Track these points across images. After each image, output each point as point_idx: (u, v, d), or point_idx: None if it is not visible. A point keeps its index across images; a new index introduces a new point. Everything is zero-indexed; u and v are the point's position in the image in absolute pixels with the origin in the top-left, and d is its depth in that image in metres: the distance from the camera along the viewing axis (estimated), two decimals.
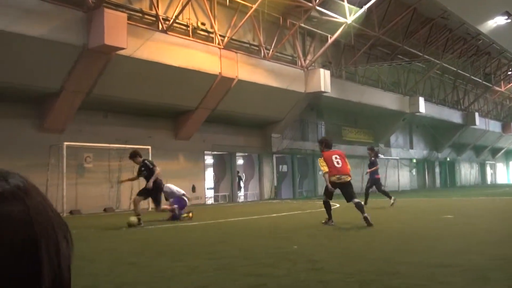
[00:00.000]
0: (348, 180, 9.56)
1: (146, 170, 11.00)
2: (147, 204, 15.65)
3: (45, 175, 15.46)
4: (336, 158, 9.60)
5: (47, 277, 0.62)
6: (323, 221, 9.95)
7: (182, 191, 13.32)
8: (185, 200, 13.02)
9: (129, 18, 16.67)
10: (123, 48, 15.92)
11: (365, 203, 16.04)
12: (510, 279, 4.20)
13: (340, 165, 9.52)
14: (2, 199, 0.62)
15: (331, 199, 9.82)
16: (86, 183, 17.68)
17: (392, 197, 15.06)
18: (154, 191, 11.03)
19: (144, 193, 11.09)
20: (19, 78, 14.97)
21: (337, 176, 9.45)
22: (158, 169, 11.05)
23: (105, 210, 17.63)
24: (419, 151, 41.00)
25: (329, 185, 9.57)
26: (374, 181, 15.88)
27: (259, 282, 4.34)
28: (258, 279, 4.50)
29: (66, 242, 0.68)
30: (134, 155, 11.33)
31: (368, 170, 16.08)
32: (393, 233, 8.28)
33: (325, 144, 10.05)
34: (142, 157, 11.51)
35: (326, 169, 9.61)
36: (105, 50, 15.71)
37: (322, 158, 9.80)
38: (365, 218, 8.87)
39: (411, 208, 15.33)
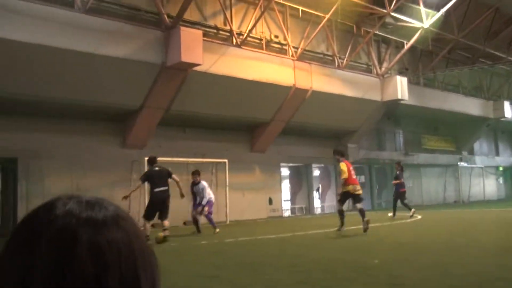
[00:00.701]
0: (361, 192, 10.75)
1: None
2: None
3: (128, 190, 16.07)
4: (352, 169, 10.18)
5: None
6: (337, 229, 10.36)
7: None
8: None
9: (204, 35, 17.10)
10: (199, 64, 16.34)
11: (394, 215, 16.44)
12: None
13: (355, 177, 10.10)
14: (105, 226, 0.63)
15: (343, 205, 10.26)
16: None
17: (412, 209, 16.26)
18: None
19: None
20: (103, 97, 15.76)
21: (354, 186, 10.58)
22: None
23: (184, 223, 18.04)
24: (506, 158, 38.79)
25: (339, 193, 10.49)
26: (399, 194, 17.17)
27: None
28: None
29: (156, 266, 0.69)
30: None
31: (393, 182, 17.58)
32: (482, 245, 7.85)
33: (342, 154, 11.00)
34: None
35: (347, 175, 10.22)
36: (182, 67, 16.20)
37: (345, 164, 10.33)
38: (367, 222, 9.98)
39: (499, 219, 14.51)
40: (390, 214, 16.91)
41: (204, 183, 13.53)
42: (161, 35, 16.24)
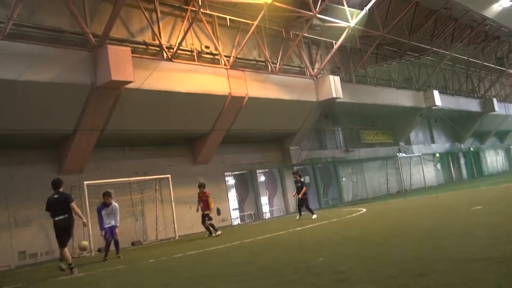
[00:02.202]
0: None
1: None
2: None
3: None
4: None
5: None
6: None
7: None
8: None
9: (133, 51, 16.86)
10: (130, 81, 16.08)
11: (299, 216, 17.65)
12: None
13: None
14: None
15: None
16: None
17: (314, 215, 17.00)
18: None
19: None
20: (34, 124, 15.19)
21: None
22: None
23: (132, 244, 17.64)
24: (441, 145, 40.42)
25: None
26: (303, 200, 17.86)
27: None
28: None
29: None
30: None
31: (300, 196, 17.88)
32: (423, 231, 8.09)
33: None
34: None
35: None
36: (113, 85, 15.87)
37: None
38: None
39: (439, 204, 15.06)
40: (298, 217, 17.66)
41: (116, 204, 13.14)
42: (88, 55, 15.86)
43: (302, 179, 18.51)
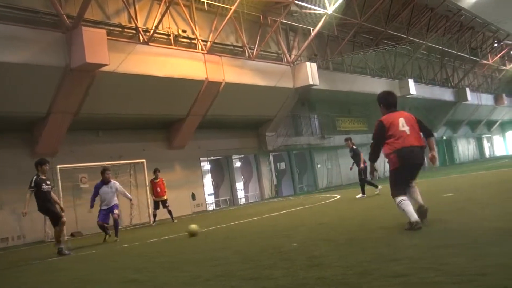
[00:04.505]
0: None
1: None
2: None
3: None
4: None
5: None
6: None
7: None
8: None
9: (108, 34, 16.62)
10: (106, 65, 15.86)
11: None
12: (508, 253, 4.15)
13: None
14: None
15: None
16: (85, 204, 17.54)
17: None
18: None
19: None
20: (7, 106, 14.92)
21: None
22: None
23: (72, 235, 17.41)
24: None
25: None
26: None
27: (258, 285, 4.29)
28: (257, 282, 4.44)
29: None
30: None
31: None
32: (395, 217, 8.22)
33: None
34: None
35: None
36: (88, 68, 15.64)
37: None
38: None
39: None
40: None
41: (116, 182, 12.64)
42: (62, 37, 15.58)
43: (355, 146, 15.71)
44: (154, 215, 16.78)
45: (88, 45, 15.24)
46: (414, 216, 6.22)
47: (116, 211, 12.00)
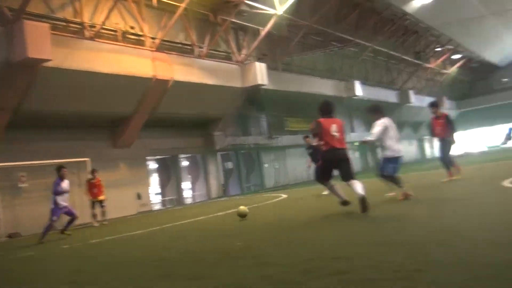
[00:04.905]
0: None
1: None
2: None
3: None
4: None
5: None
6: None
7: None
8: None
9: (52, 28, 16.10)
10: (48, 60, 15.36)
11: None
12: (442, 250, 4.30)
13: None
14: None
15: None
16: (24, 204, 16.97)
17: None
18: None
19: None
20: None
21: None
22: None
23: (9, 236, 16.86)
24: (360, 134, 41.82)
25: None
26: None
27: (201, 285, 4.26)
28: (201, 282, 4.41)
29: None
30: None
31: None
32: (338, 217, 8.37)
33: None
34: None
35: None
36: (29, 63, 15.10)
37: None
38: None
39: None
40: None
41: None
42: (2, 30, 14.97)
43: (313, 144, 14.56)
44: (95, 215, 16.40)
45: (30, 39, 14.70)
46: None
47: (74, 211, 12.55)
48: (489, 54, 50.84)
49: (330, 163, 8.32)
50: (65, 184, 12.26)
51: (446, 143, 12.50)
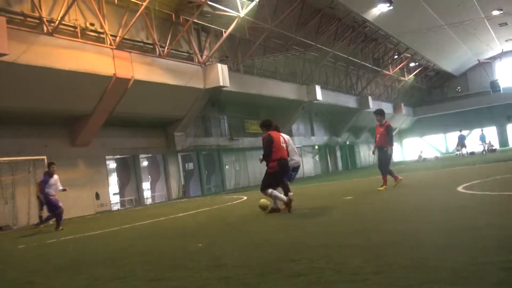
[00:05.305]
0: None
1: None
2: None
3: None
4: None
5: None
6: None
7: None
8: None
9: (9, 22, 15.66)
10: (4, 54, 14.94)
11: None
12: (400, 253, 4.44)
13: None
14: None
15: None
16: None
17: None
18: None
19: None
20: None
21: None
22: None
23: (1, 228, 16.49)
24: (320, 137, 42.46)
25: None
26: None
27: (160, 286, 4.26)
28: (160, 283, 4.41)
29: None
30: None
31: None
32: (296, 219, 8.49)
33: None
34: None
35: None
36: None
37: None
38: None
39: (314, 193, 15.86)
40: None
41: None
42: None
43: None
44: (41, 216, 15.68)
45: None
46: (281, 202, 9.30)
47: (60, 204, 12.79)
48: (445, 64, 52.38)
49: (283, 172, 9.43)
50: (53, 180, 12.83)
51: (383, 152, 12.76)
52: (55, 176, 12.98)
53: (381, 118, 12.96)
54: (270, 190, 9.20)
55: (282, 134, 10.05)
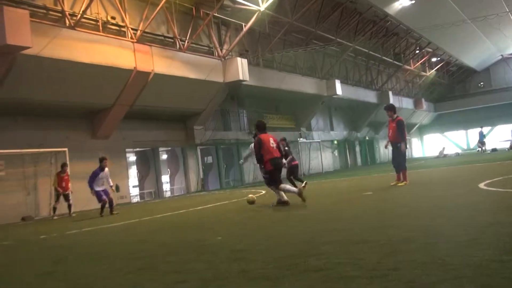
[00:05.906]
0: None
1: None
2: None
3: None
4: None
5: None
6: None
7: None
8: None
9: (32, 15, 15.85)
10: (28, 47, 15.13)
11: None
12: (419, 249, 4.40)
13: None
14: None
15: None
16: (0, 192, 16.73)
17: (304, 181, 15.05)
18: None
19: None
20: None
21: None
22: None
23: (23, 219, 16.77)
24: (339, 132, 42.25)
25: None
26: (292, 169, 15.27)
27: (180, 278, 4.28)
28: (179, 275, 4.43)
29: None
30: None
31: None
32: (317, 214, 8.47)
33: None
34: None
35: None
36: (8, 50, 14.86)
37: None
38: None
39: (334, 189, 15.79)
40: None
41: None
42: None
43: (287, 148, 14.90)
44: (55, 208, 16.54)
45: (9, 25, 14.46)
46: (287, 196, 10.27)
47: (104, 197, 14.14)
48: (467, 59, 51.64)
49: (277, 170, 10.41)
50: (104, 174, 14.19)
51: (396, 148, 12.58)
52: (106, 170, 14.17)
53: (391, 113, 12.75)
54: (281, 186, 10.30)
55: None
